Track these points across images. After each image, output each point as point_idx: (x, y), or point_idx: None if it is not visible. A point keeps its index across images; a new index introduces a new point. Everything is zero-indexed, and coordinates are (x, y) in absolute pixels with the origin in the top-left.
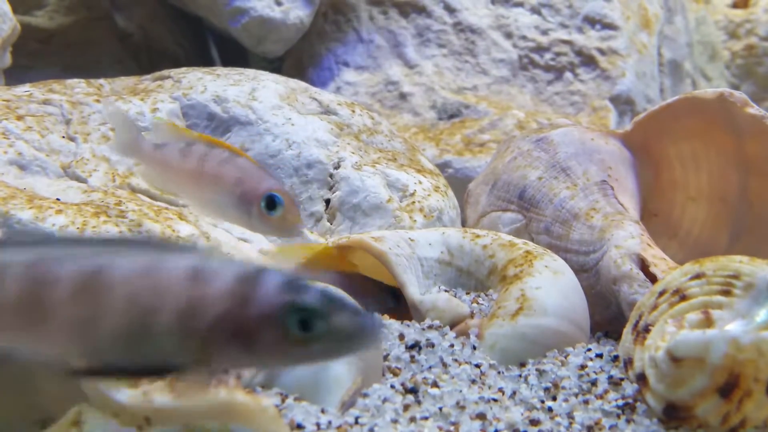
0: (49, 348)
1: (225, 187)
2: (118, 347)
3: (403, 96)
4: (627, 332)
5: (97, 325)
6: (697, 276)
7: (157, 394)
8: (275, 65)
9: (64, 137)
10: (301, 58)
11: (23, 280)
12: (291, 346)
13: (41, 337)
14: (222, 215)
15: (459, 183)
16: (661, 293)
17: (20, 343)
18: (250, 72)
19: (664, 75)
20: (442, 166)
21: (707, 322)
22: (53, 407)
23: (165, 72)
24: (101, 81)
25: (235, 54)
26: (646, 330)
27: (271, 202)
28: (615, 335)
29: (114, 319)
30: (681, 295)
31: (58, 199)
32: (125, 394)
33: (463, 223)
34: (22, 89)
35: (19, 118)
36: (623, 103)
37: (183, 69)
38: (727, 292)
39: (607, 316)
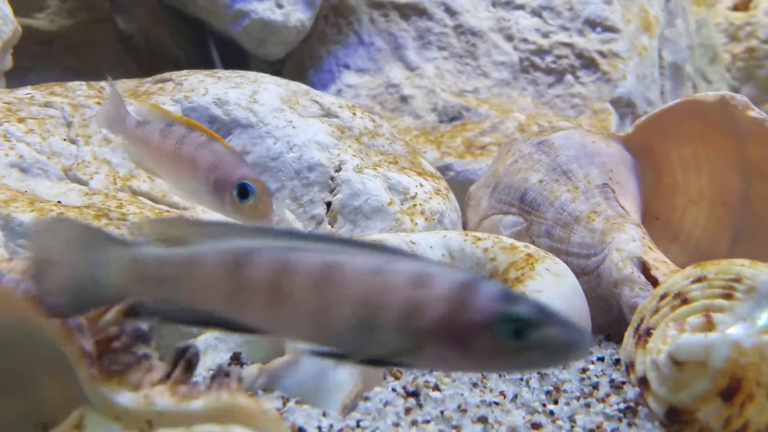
0: (285, 330)
1: (200, 172)
2: (344, 336)
3: (404, 99)
4: (628, 335)
5: (329, 314)
6: (699, 279)
7: (158, 397)
8: (275, 68)
9: (65, 140)
10: (301, 60)
11: (272, 267)
12: (502, 353)
13: (280, 319)
14: (197, 199)
15: (460, 186)
16: (663, 296)
17: (262, 322)
18: (251, 75)
19: (665, 78)
20: (443, 169)
21: (709, 326)
22: (54, 410)
23: (166, 75)
24: (102, 84)
25: (235, 56)
26: (648, 333)
27: (244, 191)
28: (616, 338)
29: (344, 310)
30: (682, 299)
31: (59, 202)
32: (127, 397)
33: (464, 226)
34: (24, 92)
35: (21, 120)
36: (624, 106)
37: (184, 71)
38: (728, 296)
39: (608, 320)
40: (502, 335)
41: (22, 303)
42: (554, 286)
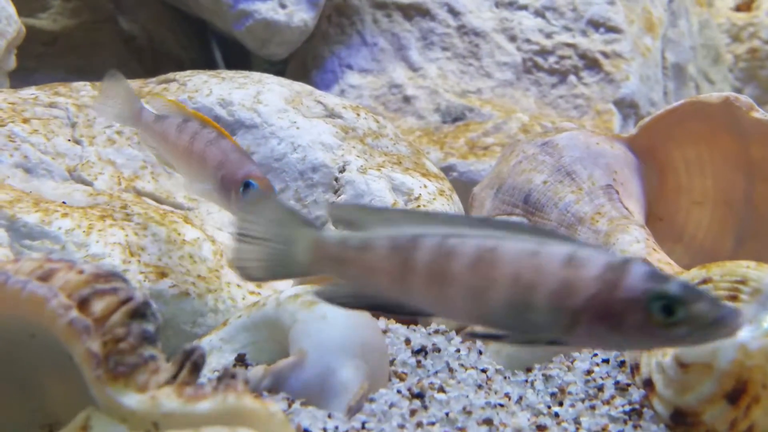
0: (446, 312)
1: (208, 169)
2: (502, 316)
3: (407, 99)
4: None
5: (488, 296)
6: (704, 281)
7: (165, 399)
8: (278, 68)
9: (69, 140)
10: (304, 61)
11: (436, 251)
12: (653, 330)
13: (443, 300)
14: (207, 197)
15: (463, 186)
16: None
17: (426, 304)
18: (255, 75)
19: (668, 78)
20: (447, 170)
21: None
22: (60, 412)
23: (170, 75)
24: None
25: (238, 57)
26: None
27: (248, 189)
28: None
29: (501, 291)
30: None
31: (64, 203)
32: (134, 399)
33: None
34: (28, 92)
35: (25, 121)
36: (627, 107)
37: (188, 72)
38: (734, 298)
39: None
40: (653, 312)
41: (29, 304)
42: None
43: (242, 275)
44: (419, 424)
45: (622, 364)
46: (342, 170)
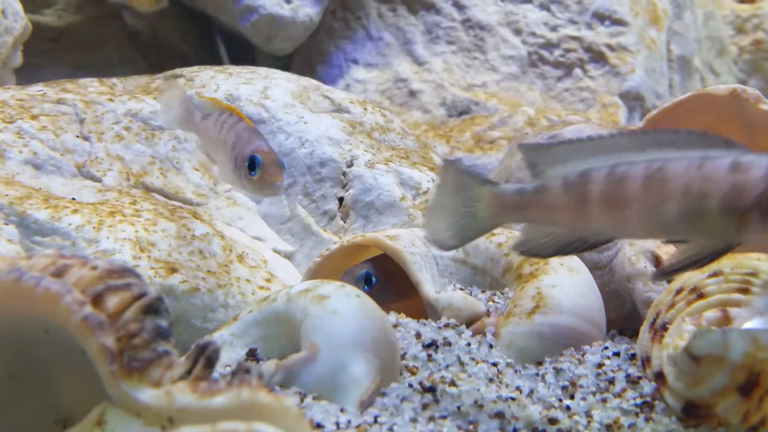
0: (626, 232)
1: (228, 152)
2: (678, 226)
3: (412, 93)
4: (644, 330)
5: (663, 209)
6: (715, 274)
7: (179, 394)
8: (282, 63)
9: (78, 137)
10: (310, 55)
11: (608, 180)
12: None
13: (621, 222)
14: (228, 179)
15: None
16: (678, 291)
17: (605, 229)
18: (262, 70)
19: (673, 71)
20: None
21: (725, 320)
22: (74, 407)
23: (177, 71)
24: (114, 80)
25: (242, 52)
26: (664, 328)
27: (252, 163)
28: (629, 333)
29: (675, 203)
30: (698, 293)
31: (73, 199)
32: (148, 394)
33: None
34: (36, 88)
35: (34, 117)
36: (633, 99)
37: (195, 67)
38: (745, 290)
39: (621, 314)
40: None
41: (43, 300)
42: (569, 281)
43: (439, 247)
44: (431, 418)
45: (632, 357)
46: (350, 165)
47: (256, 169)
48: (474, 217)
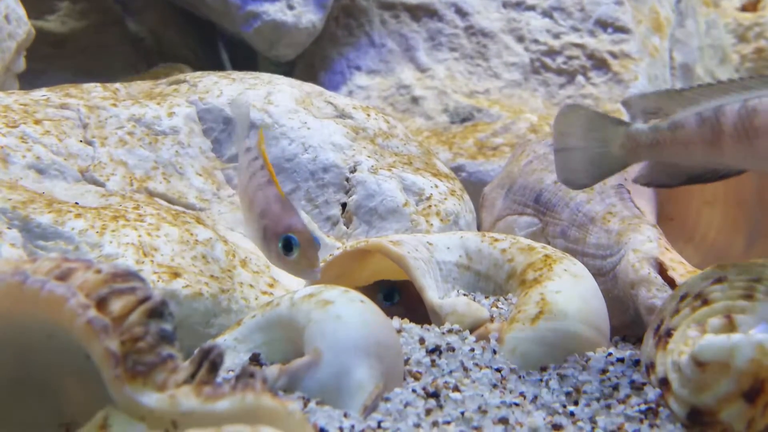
0: (759, 163)
1: (254, 215)
2: None
3: (415, 100)
4: (648, 336)
5: None
6: (719, 280)
7: (184, 398)
8: (283, 69)
9: (81, 141)
10: (312, 62)
11: (741, 114)
12: None
13: (755, 153)
14: (254, 239)
15: (472, 187)
16: (683, 297)
17: (737, 162)
18: (265, 76)
19: (676, 78)
20: (456, 170)
21: (730, 327)
22: (77, 412)
23: (180, 76)
24: (117, 85)
25: (244, 58)
26: (668, 334)
27: (288, 245)
28: (632, 339)
29: None
30: (703, 300)
31: (76, 203)
32: (152, 398)
33: (478, 227)
34: (39, 93)
35: (37, 122)
36: None
37: (198, 73)
38: (749, 296)
39: (625, 320)
40: None
41: (47, 304)
42: (573, 287)
43: (570, 186)
44: (435, 424)
45: (637, 363)
46: (353, 170)
47: (293, 251)
48: (607, 157)
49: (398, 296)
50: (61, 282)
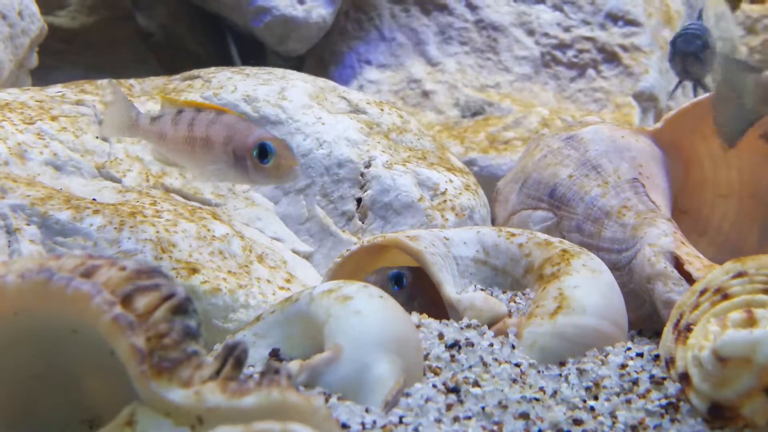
0: None
1: (217, 148)
2: None
3: (425, 94)
4: (668, 331)
5: None
6: (739, 275)
7: (209, 394)
8: (292, 64)
9: (97, 137)
10: (322, 56)
11: None
12: None
13: None
14: (222, 178)
15: (484, 181)
16: (703, 292)
17: None
18: (279, 71)
19: None
20: (467, 164)
21: (750, 321)
22: (100, 407)
23: (194, 72)
24: (131, 81)
25: (253, 53)
26: (688, 329)
27: (263, 151)
28: (648, 334)
29: None
30: (723, 294)
31: (94, 200)
32: (178, 394)
33: (492, 222)
34: (55, 90)
35: (54, 118)
36: (646, 100)
37: (212, 68)
38: None
39: (641, 315)
40: None
41: (73, 301)
42: (591, 282)
43: (728, 144)
44: (456, 419)
45: (656, 357)
46: (368, 165)
47: (269, 157)
48: (742, 106)
49: (406, 280)
50: (86, 279)
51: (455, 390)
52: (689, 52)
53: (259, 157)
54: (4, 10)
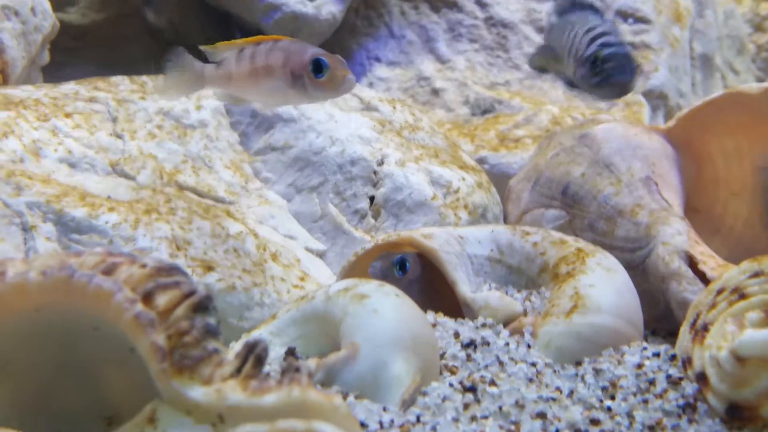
0: None
1: (276, 72)
2: None
3: (435, 92)
4: (684, 331)
5: None
6: (756, 274)
7: (230, 391)
8: None
9: (111, 135)
10: (332, 53)
11: None
12: None
13: None
14: (285, 100)
15: (495, 179)
16: (719, 292)
17: None
18: None
19: (696, 69)
20: (478, 162)
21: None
22: (119, 404)
23: None
24: (144, 78)
25: None
26: (705, 329)
27: (317, 66)
28: (662, 333)
29: None
30: (740, 294)
31: (109, 197)
32: (199, 392)
33: (504, 220)
34: (68, 87)
35: (68, 115)
36: (656, 98)
37: None
38: None
39: (655, 314)
40: None
41: (94, 298)
42: (607, 281)
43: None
44: (473, 418)
45: (673, 357)
46: (380, 163)
47: (324, 70)
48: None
49: (409, 264)
50: (107, 276)
51: (472, 389)
52: (625, 84)
53: (314, 72)
54: (17, 6)
